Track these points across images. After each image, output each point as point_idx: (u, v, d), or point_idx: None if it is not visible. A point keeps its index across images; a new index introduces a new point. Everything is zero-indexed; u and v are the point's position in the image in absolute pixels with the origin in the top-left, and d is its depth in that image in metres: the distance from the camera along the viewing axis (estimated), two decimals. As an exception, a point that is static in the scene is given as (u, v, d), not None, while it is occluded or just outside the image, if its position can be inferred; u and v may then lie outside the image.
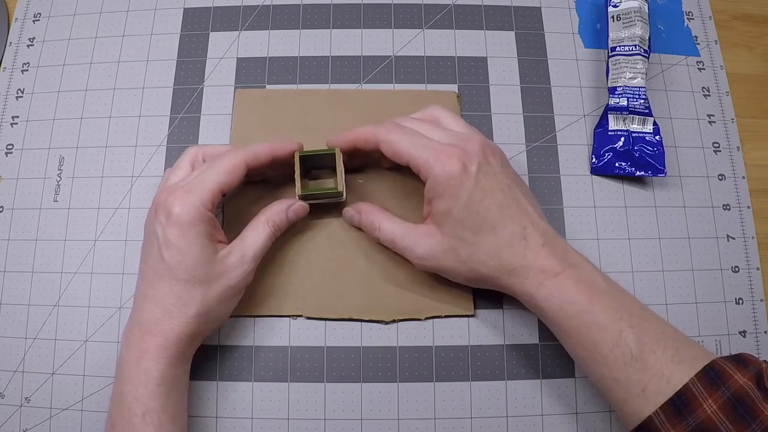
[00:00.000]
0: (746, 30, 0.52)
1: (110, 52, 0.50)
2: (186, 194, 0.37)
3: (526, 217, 0.38)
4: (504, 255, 0.37)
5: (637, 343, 0.34)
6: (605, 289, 0.37)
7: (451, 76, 0.49)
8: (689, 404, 0.33)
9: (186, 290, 0.37)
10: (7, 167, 0.47)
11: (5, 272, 0.45)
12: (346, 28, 0.50)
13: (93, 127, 0.48)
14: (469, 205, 0.37)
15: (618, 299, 0.36)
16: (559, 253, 0.37)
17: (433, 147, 0.38)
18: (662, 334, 0.35)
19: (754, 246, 0.46)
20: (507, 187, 0.38)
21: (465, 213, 0.37)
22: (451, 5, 0.51)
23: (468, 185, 0.37)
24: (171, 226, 0.37)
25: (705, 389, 0.33)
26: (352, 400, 0.42)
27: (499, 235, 0.37)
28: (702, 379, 0.33)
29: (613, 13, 0.48)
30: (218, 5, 0.51)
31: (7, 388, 0.43)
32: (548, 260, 0.37)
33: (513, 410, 0.42)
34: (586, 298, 0.36)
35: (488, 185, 0.38)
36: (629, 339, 0.35)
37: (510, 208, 0.38)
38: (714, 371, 0.33)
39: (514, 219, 0.38)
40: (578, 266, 0.37)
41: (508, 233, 0.37)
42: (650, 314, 0.37)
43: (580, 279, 0.37)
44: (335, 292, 0.44)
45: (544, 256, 0.37)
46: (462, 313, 0.44)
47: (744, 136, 0.49)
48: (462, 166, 0.37)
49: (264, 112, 0.48)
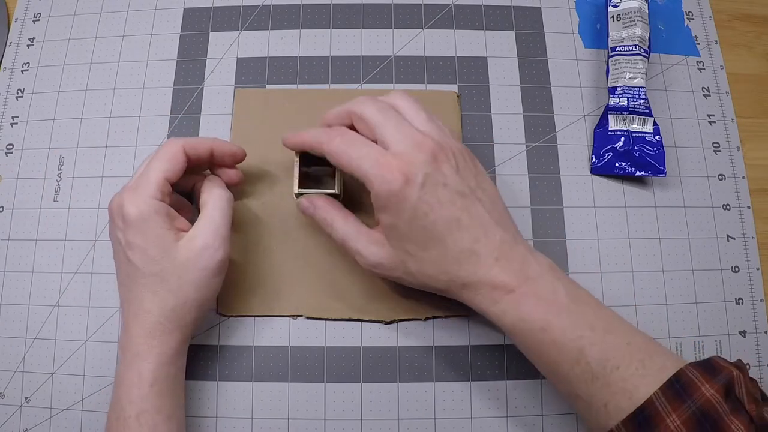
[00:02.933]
0: (746, 30, 0.52)
1: (110, 52, 0.50)
2: (133, 192, 0.37)
3: (480, 228, 0.35)
4: (453, 270, 0.35)
5: (599, 361, 0.33)
6: (565, 305, 0.34)
7: (451, 76, 0.49)
8: (651, 419, 0.31)
9: (157, 285, 0.37)
10: (7, 167, 0.47)
11: (5, 272, 0.45)
12: (346, 28, 0.50)
13: (93, 127, 0.48)
14: (413, 219, 0.35)
15: (579, 314, 0.35)
16: (514, 267, 0.35)
17: (375, 159, 0.35)
18: (627, 346, 0.34)
19: (754, 246, 0.46)
20: (460, 197, 0.35)
21: (409, 228, 0.35)
22: (451, 5, 0.51)
23: (411, 200, 0.34)
24: (128, 227, 0.37)
25: (669, 403, 0.31)
26: (352, 400, 0.42)
27: (447, 249, 0.35)
28: (666, 392, 0.32)
29: (613, 13, 0.48)
30: (218, 5, 0.51)
31: (7, 388, 0.43)
32: (501, 276, 0.35)
33: (513, 410, 0.42)
34: (542, 316, 0.34)
35: (434, 198, 0.35)
36: (590, 357, 0.33)
37: (460, 220, 0.35)
38: (680, 383, 0.32)
39: (464, 232, 0.35)
40: (536, 279, 0.35)
41: (458, 248, 0.35)
42: (616, 325, 0.35)
43: (537, 294, 0.35)
44: (335, 292, 0.44)
45: (497, 272, 0.35)
46: (462, 313, 0.44)
47: (744, 136, 0.49)
48: (404, 180, 0.34)
49: (264, 111, 0.48)
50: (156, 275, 0.37)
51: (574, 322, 0.34)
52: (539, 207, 0.46)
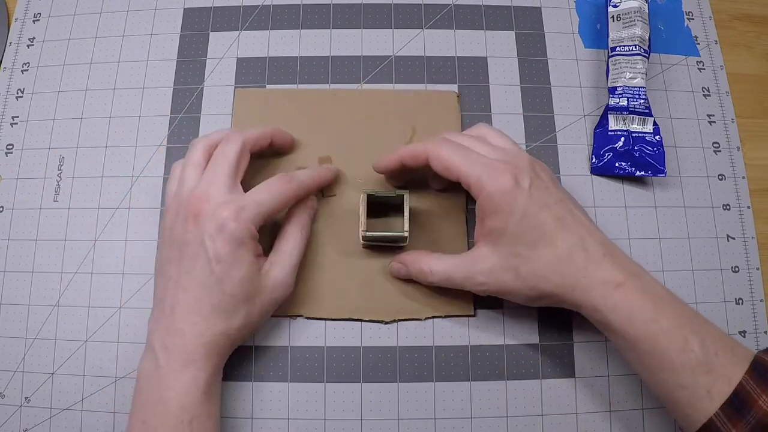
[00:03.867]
0: (746, 30, 0.52)
1: (110, 52, 0.50)
2: (242, 211, 0.37)
3: (583, 228, 0.38)
4: (565, 268, 0.37)
5: (702, 348, 0.35)
6: (666, 297, 0.37)
7: (451, 76, 0.49)
8: (746, 402, 0.33)
9: (233, 304, 0.37)
10: (7, 167, 0.47)
11: (5, 272, 0.45)
12: (346, 28, 0.50)
13: (93, 127, 0.48)
14: (523, 218, 0.37)
15: (678, 307, 0.36)
16: (620, 263, 0.37)
17: (484, 162, 0.38)
18: (719, 338, 0.36)
19: (754, 246, 0.46)
20: (560, 201, 0.38)
21: (521, 228, 0.37)
22: (451, 5, 0.51)
23: (522, 199, 0.37)
24: (223, 241, 0.37)
25: (758, 386, 0.34)
26: (352, 400, 0.42)
27: (558, 248, 0.37)
28: (753, 376, 0.34)
29: (613, 13, 0.48)
30: (218, 5, 0.51)
31: (7, 388, 0.43)
32: (610, 271, 0.36)
33: (513, 410, 0.42)
34: (651, 308, 0.36)
35: (541, 199, 0.37)
36: (694, 344, 0.35)
37: (566, 219, 0.37)
38: (763, 367, 0.34)
39: (571, 230, 0.37)
40: (639, 275, 0.37)
41: (567, 245, 0.37)
42: (704, 318, 0.37)
43: (643, 288, 0.36)
44: (335, 292, 0.44)
45: (606, 266, 0.36)
46: (462, 313, 0.44)
47: (744, 136, 0.49)
48: (514, 181, 0.37)
49: (264, 111, 0.48)
50: (235, 296, 0.37)
51: (677, 313, 0.36)
52: (539, 207, 0.46)
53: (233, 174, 0.39)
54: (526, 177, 0.38)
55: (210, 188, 0.38)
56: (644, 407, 0.43)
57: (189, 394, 0.36)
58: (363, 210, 0.42)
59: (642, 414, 0.43)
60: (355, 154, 0.46)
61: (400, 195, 0.41)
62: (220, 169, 0.39)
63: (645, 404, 0.43)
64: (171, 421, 0.35)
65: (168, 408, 0.36)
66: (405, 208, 0.41)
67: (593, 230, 0.38)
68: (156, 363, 0.37)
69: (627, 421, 0.42)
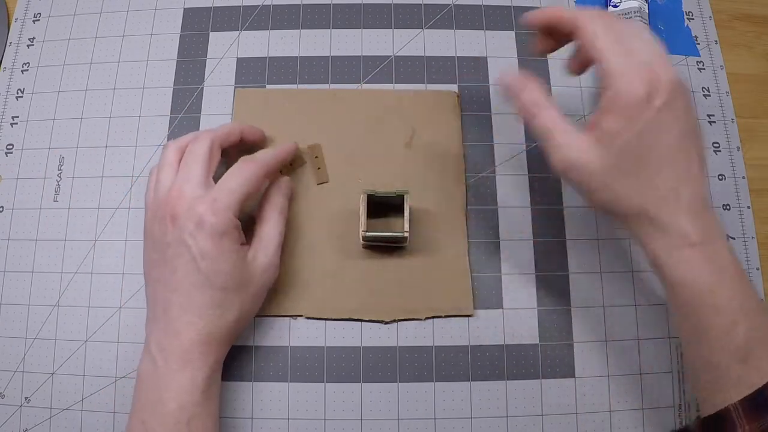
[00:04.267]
0: (746, 30, 0.52)
1: (110, 52, 0.50)
2: (216, 203, 0.37)
3: (689, 173, 0.35)
4: (651, 199, 0.35)
5: (746, 335, 0.34)
6: (733, 273, 0.35)
7: (451, 76, 0.49)
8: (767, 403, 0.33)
9: (225, 297, 0.37)
10: (7, 167, 0.47)
11: (5, 272, 0.45)
12: (346, 28, 0.50)
13: (93, 127, 0.48)
14: (641, 134, 0.34)
15: (742, 289, 0.35)
16: (703, 223, 0.35)
17: (630, 59, 0.34)
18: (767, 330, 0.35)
19: (754, 246, 0.46)
20: (683, 135, 0.35)
21: (633, 141, 0.34)
22: (451, 5, 0.51)
23: (646, 116, 0.34)
24: (205, 236, 0.36)
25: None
26: (352, 400, 0.42)
27: (655, 177, 0.35)
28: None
29: (613, 14, 0.48)
30: (218, 5, 0.51)
31: (7, 388, 0.43)
32: (690, 226, 0.35)
33: (513, 410, 0.42)
34: (712, 280, 0.34)
35: (667, 124, 0.34)
36: (741, 329, 0.34)
37: (677, 157, 0.35)
38: None
39: (676, 170, 0.35)
40: (716, 244, 0.35)
41: (664, 181, 0.35)
42: (763, 306, 0.36)
43: (713, 257, 0.35)
44: (335, 292, 0.44)
45: (689, 220, 0.35)
46: (462, 313, 0.44)
47: (744, 136, 0.49)
48: (647, 95, 0.34)
49: (264, 111, 0.48)
50: (226, 289, 0.37)
51: (738, 294, 0.35)
52: (539, 207, 0.46)
53: (205, 170, 0.39)
54: (661, 96, 0.34)
55: (184, 186, 0.38)
56: (644, 407, 0.43)
57: (187, 394, 0.36)
58: (363, 210, 0.42)
59: (642, 414, 0.43)
60: (355, 154, 0.46)
61: (400, 195, 0.41)
62: (192, 167, 0.39)
63: (645, 404, 0.43)
64: (169, 421, 0.35)
65: (166, 408, 0.36)
66: (405, 208, 0.41)
67: (697, 180, 0.35)
68: (154, 364, 0.37)
69: (627, 421, 0.42)
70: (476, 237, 0.45)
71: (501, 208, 0.46)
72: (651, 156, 0.35)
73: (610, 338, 0.44)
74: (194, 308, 0.37)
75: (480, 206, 0.46)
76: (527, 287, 0.44)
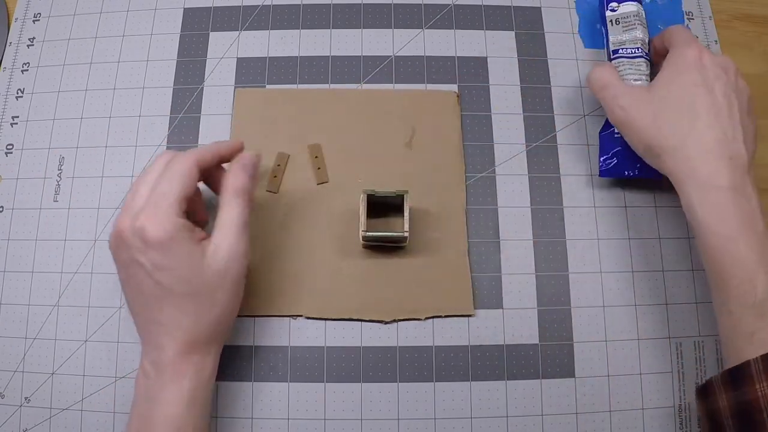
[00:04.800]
0: (746, 30, 0.52)
1: (110, 52, 0.50)
2: (154, 212, 0.36)
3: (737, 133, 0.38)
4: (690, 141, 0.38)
5: (765, 291, 0.34)
6: (760, 230, 0.36)
7: (451, 76, 0.49)
8: None
9: (196, 301, 0.36)
10: (7, 167, 0.47)
11: (5, 272, 0.45)
12: (346, 28, 0.50)
13: (93, 127, 0.48)
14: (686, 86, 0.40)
15: (764, 244, 0.36)
16: (739, 176, 0.37)
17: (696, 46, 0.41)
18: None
19: (754, 246, 0.46)
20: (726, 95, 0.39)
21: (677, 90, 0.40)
22: (451, 5, 0.51)
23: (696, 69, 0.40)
24: (152, 249, 0.35)
25: None
26: (352, 400, 0.42)
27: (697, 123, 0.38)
28: None
29: (611, 17, 0.48)
30: (218, 5, 0.51)
31: (7, 388, 0.43)
32: (724, 171, 0.37)
33: (513, 410, 0.42)
34: (736, 226, 0.36)
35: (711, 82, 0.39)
36: (759, 284, 0.34)
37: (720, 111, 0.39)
38: None
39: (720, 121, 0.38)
40: (748, 197, 0.37)
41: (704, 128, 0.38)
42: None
43: (742, 206, 0.36)
44: (335, 292, 0.44)
45: (722, 165, 0.37)
46: (462, 313, 0.44)
47: (744, 136, 0.49)
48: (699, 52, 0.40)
49: (264, 111, 0.48)
50: (190, 294, 0.36)
51: (758, 248, 0.35)
52: (539, 207, 0.46)
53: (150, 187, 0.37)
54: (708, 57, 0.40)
55: (130, 204, 0.37)
56: (644, 407, 0.43)
57: (173, 406, 0.36)
58: (363, 210, 0.42)
59: (642, 414, 0.43)
60: (355, 154, 0.46)
61: (400, 195, 0.41)
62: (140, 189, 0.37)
63: (645, 404, 0.43)
64: None
65: (155, 421, 0.36)
66: (405, 208, 0.41)
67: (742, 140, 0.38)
68: (146, 378, 0.37)
69: (627, 421, 0.42)
70: (476, 237, 0.45)
71: (501, 208, 0.46)
72: (695, 108, 0.39)
73: (610, 338, 0.44)
74: (168, 320, 0.36)
75: (480, 206, 0.46)
76: (527, 287, 0.44)
